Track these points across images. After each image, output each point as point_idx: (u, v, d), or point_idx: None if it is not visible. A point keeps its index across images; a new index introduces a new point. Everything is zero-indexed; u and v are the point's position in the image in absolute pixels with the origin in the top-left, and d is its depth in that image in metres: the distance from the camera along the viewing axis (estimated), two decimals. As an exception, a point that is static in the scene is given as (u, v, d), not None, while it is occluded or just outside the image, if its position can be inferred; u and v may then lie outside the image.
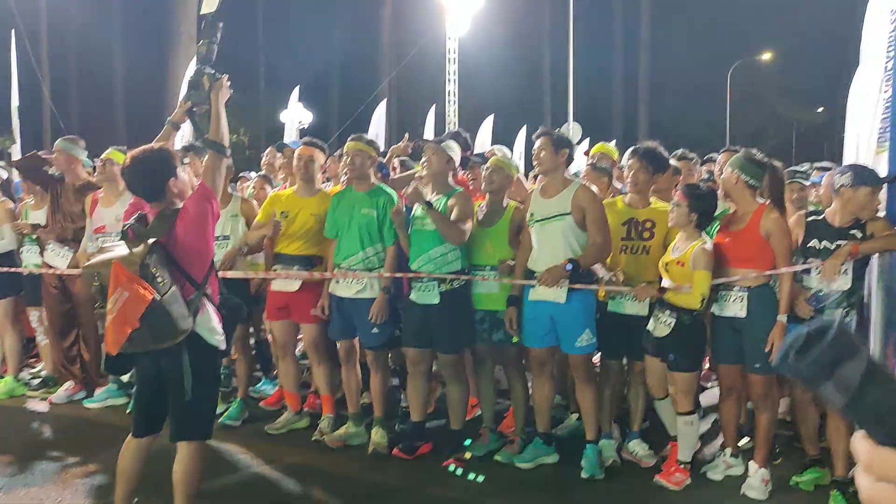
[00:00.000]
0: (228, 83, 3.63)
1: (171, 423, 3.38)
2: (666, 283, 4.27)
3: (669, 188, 4.92)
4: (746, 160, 4.20)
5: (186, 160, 5.82)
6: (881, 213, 4.28)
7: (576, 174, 5.46)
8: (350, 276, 4.80)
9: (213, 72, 3.62)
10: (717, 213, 4.46)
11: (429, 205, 4.49)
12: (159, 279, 3.11)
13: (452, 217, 4.50)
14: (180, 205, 3.34)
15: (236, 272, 5.18)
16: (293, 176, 5.41)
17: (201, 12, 3.84)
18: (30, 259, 6.11)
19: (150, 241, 3.19)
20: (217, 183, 3.43)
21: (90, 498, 4.14)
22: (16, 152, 12.05)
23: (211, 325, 3.33)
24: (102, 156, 5.76)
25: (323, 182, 6.53)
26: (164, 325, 3.09)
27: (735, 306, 4.13)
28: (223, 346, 3.37)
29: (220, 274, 5.20)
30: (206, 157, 3.56)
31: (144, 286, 3.06)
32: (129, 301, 3.06)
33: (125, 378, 5.73)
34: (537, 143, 4.53)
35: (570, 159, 4.55)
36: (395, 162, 6.11)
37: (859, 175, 4.08)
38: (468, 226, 4.56)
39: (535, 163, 4.57)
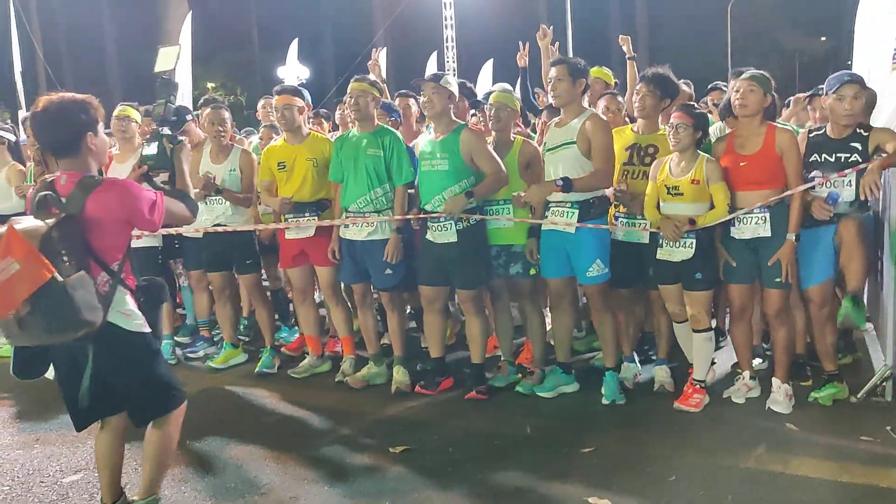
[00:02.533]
0: (189, 145, 3.32)
1: (128, 413, 3.11)
2: (674, 206, 4.29)
3: None
4: (763, 76, 4.21)
5: (189, 117, 5.81)
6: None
7: None
8: (362, 221, 4.81)
9: (171, 133, 3.31)
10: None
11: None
12: (65, 259, 2.65)
13: (488, 171, 4.54)
14: (94, 169, 2.94)
15: (247, 225, 5.25)
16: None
17: (156, 70, 3.45)
18: None
19: (62, 214, 2.74)
20: (168, 220, 3.07)
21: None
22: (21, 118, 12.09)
23: (125, 308, 2.92)
24: (116, 112, 5.76)
25: (330, 132, 6.55)
26: (62, 313, 2.60)
27: (758, 227, 4.17)
28: (147, 329, 2.98)
29: (221, 229, 5.24)
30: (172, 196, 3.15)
31: (43, 262, 2.56)
32: (17, 276, 2.53)
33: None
34: (553, 72, 4.42)
35: (586, 88, 4.52)
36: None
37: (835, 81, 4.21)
38: (496, 160, 4.58)
39: (551, 94, 4.47)
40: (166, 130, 3.31)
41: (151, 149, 3.27)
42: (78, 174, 2.86)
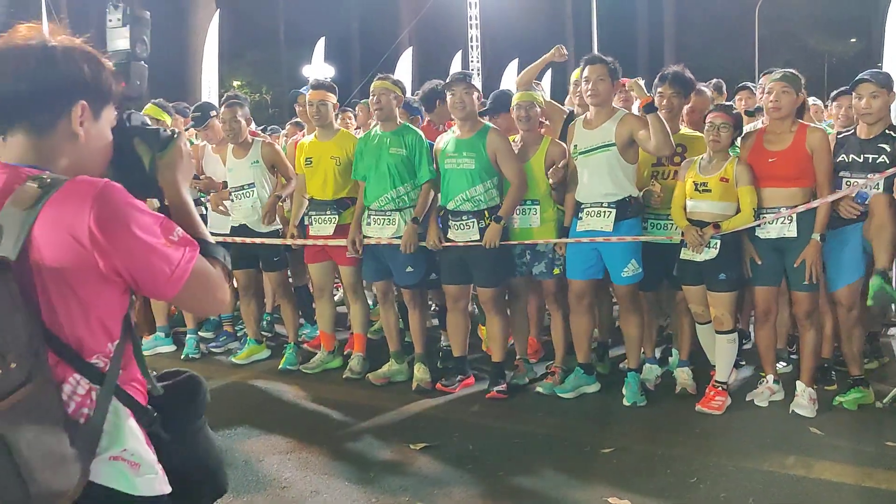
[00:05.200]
0: (185, 144, 1.75)
1: None
2: (700, 204, 4.27)
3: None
4: (794, 76, 4.19)
5: (213, 113, 5.85)
6: None
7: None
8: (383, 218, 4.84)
9: (155, 128, 1.72)
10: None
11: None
12: None
13: (508, 175, 4.59)
14: (64, 175, 1.43)
15: (265, 235, 5.31)
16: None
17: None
18: None
19: None
20: (196, 290, 1.52)
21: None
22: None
23: (126, 447, 1.48)
24: (144, 113, 5.83)
25: (355, 130, 6.58)
26: None
27: (784, 227, 4.14)
28: (161, 487, 1.52)
29: (240, 239, 5.29)
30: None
31: None
32: None
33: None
34: (590, 72, 4.34)
35: (617, 89, 4.52)
36: None
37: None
38: (519, 166, 4.63)
39: (588, 94, 4.38)
40: (140, 119, 1.73)
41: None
42: (24, 170, 1.43)
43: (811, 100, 6.14)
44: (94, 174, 1.48)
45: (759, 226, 4.20)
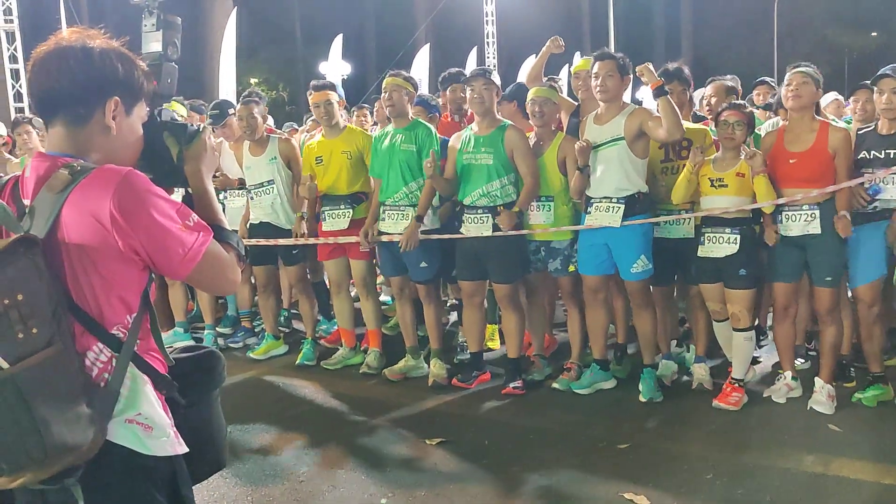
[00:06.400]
0: (209, 138, 1.89)
1: None
2: (717, 199, 4.26)
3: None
4: (813, 70, 4.17)
5: (231, 111, 5.89)
6: None
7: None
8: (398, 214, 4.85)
9: (181, 121, 1.91)
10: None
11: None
12: (17, 325, 1.39)
13: (524, 172, 4.59)
14: (94, 164, 1.57)
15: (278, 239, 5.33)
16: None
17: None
18: None
19: (21, 235, 1.46)
20: (207, 270, 1.66)
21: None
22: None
23: (141, 411, 1.60)
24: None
25: (373, 125, 6.61)
26: (11, 435, 1.40)
27: (807, 224, 4.12)
28: (181, 449, 1.66)
29: (256, 242, 5.24)
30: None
31: None
32: None
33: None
34: (600, 68, 4.34)
35: (627, 84, 4.50)
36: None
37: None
38: (535, 164, 4.63)
39: (597, 90, 4.38)
40: (173, 115, 1.91)
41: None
42: (59, 159, 1.58)
43: (832, 94, 6.09)
44: (125, 165, 1.60)
45: (780, 222, 4.18)
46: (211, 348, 1.98)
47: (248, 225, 5.59)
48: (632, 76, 4.43)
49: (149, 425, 1.60)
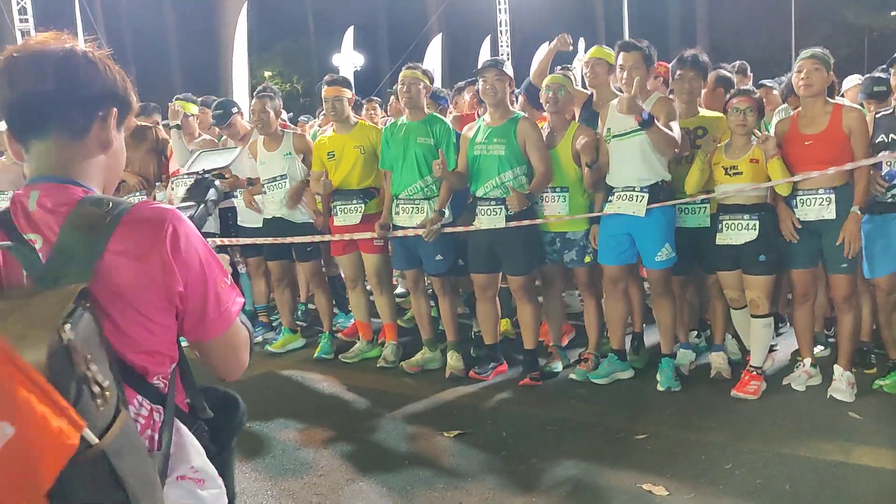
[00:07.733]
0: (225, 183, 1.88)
1: None
2: (732, 187, 4.24)
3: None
4: (824, 54, 4.13)
5: (235, 110, 5.89)
6: None
7: None
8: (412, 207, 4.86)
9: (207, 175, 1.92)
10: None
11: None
12: (96, 390, 1.15)
13: (536, 164, 4.56)
14: (100, 187, 1.45)
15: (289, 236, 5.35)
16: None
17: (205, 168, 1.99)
18: None
19: (73, 286, 1.22)
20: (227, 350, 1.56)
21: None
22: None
23: (193, 465, 1.45)
24: (171, 107, 5.91)
25: (383, 118, 6.60)
26: None
27: (822, 209, 4.08)
28: (224, 501, 1.51)
29: (271, 240, 5.28)
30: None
31: (60, 408, 1.07)
32: (11, 449, 1.03)
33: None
34: (625, 59, 4.31)
35: (653, 73, 4.47)
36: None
37: None
38: (547, 155, 4.61)
39: (621, 81, 4.35)
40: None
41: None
42: (72, 189, 1.37)
43: (854, 78, 5.98)
44: (112, 189, 1.50)
45: (796, 207, 4.15)
46: (230, 391, 1.73)
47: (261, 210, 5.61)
48: (654, 66, 4.42)
49: (201, 478, 1.43)
